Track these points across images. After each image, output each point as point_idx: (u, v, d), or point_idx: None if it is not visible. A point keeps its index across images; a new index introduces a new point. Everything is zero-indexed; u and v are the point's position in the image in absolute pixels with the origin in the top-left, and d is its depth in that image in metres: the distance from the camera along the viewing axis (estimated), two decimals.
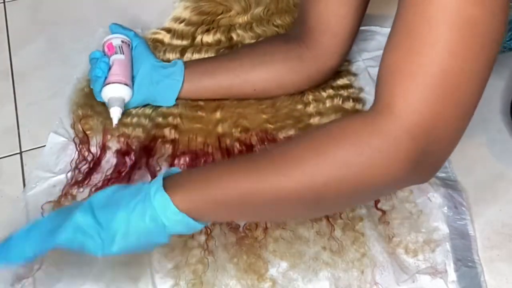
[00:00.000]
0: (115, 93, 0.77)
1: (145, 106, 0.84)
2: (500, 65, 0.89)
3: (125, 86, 0.78)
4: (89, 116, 0.83)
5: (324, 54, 0.80)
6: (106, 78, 0.78)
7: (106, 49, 0.81)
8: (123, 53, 0.80)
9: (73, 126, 0.83)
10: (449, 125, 0.50)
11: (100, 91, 0.78)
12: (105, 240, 0.55)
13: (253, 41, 0.94)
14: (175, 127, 0.82)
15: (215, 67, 0.82)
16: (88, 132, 0.82)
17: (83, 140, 0.81)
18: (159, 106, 0.84)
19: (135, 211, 0.55)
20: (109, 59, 0.80)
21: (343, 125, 0.52)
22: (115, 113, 0.76)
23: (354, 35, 0.79)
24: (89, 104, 0.84)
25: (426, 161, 0.51)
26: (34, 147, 0.83)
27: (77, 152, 0.80)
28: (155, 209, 0.55)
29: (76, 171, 0.78)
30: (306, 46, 0.79)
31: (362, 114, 0.52)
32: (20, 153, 0.83)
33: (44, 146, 0.82)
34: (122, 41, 0.82)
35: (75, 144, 0.81)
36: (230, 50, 0.93)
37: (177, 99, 0.83)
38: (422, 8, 0.48)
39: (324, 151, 0.51)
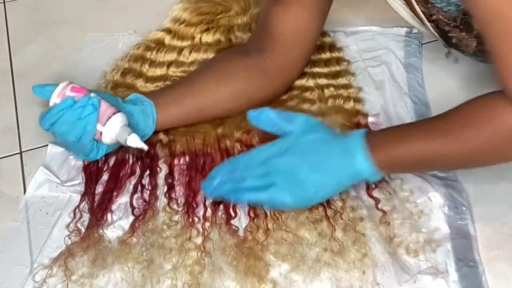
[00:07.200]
0: (122, 122, 0.72)
1: None
2: None
3: (122, 113, 0.74)
4: None
5: (290, 66, 0.80)
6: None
7: (71, 93, 0.73)
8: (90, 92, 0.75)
9: None
10: None
11: (94, 134, 0.72)
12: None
13: None
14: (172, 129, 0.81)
15: (182, 94, 0.79)
16: None
17: None
18: None
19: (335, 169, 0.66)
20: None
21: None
22: (137, 138, 0.72)
23: (316, 44, 0.81)
24: None
25: None
26: (34, 147, 0.83)
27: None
28: (356, 169, 0.65)
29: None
30: (271, 59, 0.79)
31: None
32: (20, 153, 0.83)
33: (44, 146, 0.82)
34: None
35: None
36: (192, 72, 0.87)
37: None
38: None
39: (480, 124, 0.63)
